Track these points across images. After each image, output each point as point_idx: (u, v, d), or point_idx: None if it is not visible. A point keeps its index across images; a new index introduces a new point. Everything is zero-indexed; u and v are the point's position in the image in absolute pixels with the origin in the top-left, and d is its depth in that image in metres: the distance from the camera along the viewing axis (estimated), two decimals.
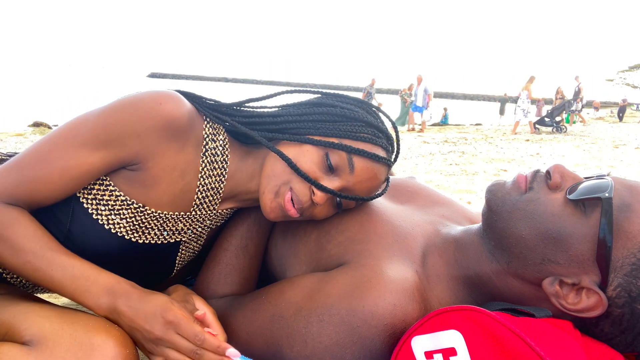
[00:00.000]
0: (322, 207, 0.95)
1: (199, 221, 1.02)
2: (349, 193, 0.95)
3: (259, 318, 0.92)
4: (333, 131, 0.93)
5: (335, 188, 0.92)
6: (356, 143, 0.93)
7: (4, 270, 0.95)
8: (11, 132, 9.51)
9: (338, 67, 70.59)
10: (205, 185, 0.98)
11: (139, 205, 0.92)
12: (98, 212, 0.91)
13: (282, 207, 0.93)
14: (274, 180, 0.93)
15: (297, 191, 0.92)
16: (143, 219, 0.94)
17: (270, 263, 1.13)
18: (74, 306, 1.43)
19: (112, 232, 0.92)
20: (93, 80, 43.21)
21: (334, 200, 0.96)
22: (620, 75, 64.69)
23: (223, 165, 0.99)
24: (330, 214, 0.99)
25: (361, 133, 0.94)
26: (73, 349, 0.75)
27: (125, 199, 0.92)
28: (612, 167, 5.72)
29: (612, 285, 0.72)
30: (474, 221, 1.07)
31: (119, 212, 0.92)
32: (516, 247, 0.78)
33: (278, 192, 0.93)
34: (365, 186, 0.95)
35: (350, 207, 1.00)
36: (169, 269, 1.06)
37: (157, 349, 0.80)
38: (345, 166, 0.92)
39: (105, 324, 0.80)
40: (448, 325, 0.72)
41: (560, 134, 11.10)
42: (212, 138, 0.98)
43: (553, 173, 0.80)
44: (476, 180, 4.64)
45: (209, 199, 1.00)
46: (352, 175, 0.93)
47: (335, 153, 0.92)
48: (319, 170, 0.92)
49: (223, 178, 0.99)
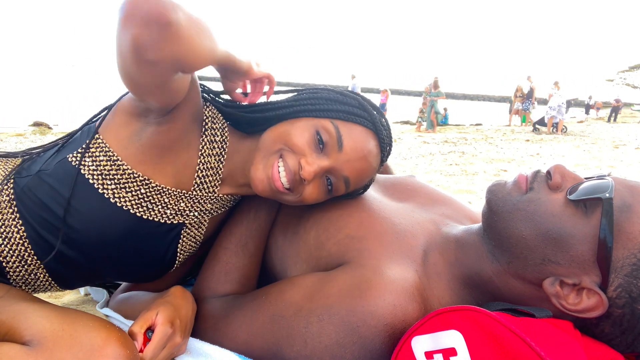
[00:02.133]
0: (311, 187, 0.96)
1: (200, 202, 1.04)
2: (338, 173, 0.96)
3: (259, 318, 0.92)
4: (325, 113, 0.98)
5: (324, 166, 0.94)
6: (348, 124, 0.97)
7: (6, 265, 0.95)
8: (11, 132, 9.52)
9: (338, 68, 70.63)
10: (205, 163, 1.01)
11: (144, 178, 0.95)
12: (104, 187, 0.94)
13: (270, 179, 0.94)
14: (263, 151, 0.97)
15: (286, 162, 0.94)
16: (148, 193, 0.97)
17: (271, 262, 1.13)
18: (74, 306, 1.43)
19: (118, 205, 0.94)
20: (93, 80, 43.18)
21: (323, 183, 0.97)
22: (620, 76, 64.67)
23: (222, 145, 1.03)
24: (321, 197, 0.99)
25: (353, 115, 0.98)
26: (73, 349, 0.75)
27: (132, 172, 0.94)
28: (612, 167, 5.72)
29: (612, 286, 0.72)
30: (475, 220, 1.07)
31: (125, 186, 0.95)
32: (517, 247, 0.78)
33: (267, 162, 0.95)
34: (354, 166, 0.96)
35: (340, 192, 1.00)
36: (171, 259, 1.07)
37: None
38: (335, 144, 0.95)
39: (105, 324, 0.80)
40: (448, 325, 0.72)
41: (560, 134, 11.09)
42: (212, 120, 1.03)
43: (553, 173, 0.79)
44: (476, 180, 4.64)
45: (209, 178, 1.03)
46: (341, 154, 0.95)
47: (325, 131, 0.95)
48: (309, 146, 0.95)
49: (222, 158, 1.04)
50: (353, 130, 0.97)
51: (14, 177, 0.97)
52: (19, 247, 0.94)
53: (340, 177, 0.97)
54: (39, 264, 0.96)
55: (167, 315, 0.89)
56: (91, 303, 1.44)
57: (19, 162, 1.01)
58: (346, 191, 1.00)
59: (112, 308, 1.19)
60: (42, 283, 1.01)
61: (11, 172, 0.98)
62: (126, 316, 1.12)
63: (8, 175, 0.97)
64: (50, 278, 1.00)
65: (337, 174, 0.96)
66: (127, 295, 1.17)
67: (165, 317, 0.89)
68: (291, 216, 1.12)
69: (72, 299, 1.49)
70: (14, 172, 0.98)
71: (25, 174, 0.97)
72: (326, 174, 0.97)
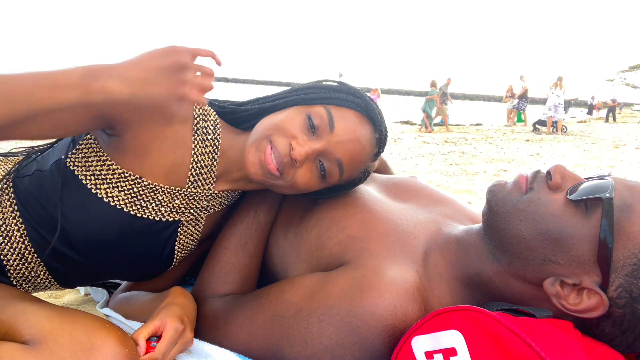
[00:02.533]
0: (303, 171, 0.95)
1: (195, 200, 1.03)
2: (331, 155, 0.95)
3: (259, 318, 0.92)
4: (318, 101, 0.98)
5: (316, 148, 0.93)
6: (341, 109, 0.97)
7: (6, 264, 0.95)
8: None
9: (338, 67, 70.76)
10: (199, 162, 1.01)
11: (135, 177, 0.95)
12: (97, 187, 0.94)
13: (262, 162, 0.93)
14: (255, 136, 0.96)
15: (276, 143, 0.93)
16: (140, 191, 0.96)
17: (272, 261, 1.13)
18: (74, 306, 1.43)
19: (112, 204, 0.94)
20: None
21: (316, 167, 0.96)
22: (620, 76, 64.67)
23: (215, 143, 1.02)
24: (314, 182, 0.97)
25: (347, 101, 0.98)
26: (73, 349, 0.75)
27: (123, 172, 0.94)
28: (612, 167, 5.72)
29: (613, 286, 0.72)
30: (476, 220, 1.07)
31: (117, 185, 0.94)
32: (517, 247, 0.78)
33: (259, 146, 0.94)
34: (347, 148, 0.95)
35: (335, 177, 0.98)
36: (169, 257, 1.07)
37: (182, 76, 0.79)
38: (326, 125, 0.94)
39: (105, 323, 0.80)
40: (448, 325, 0.72)
41: (560, 134, 11.09)
42: (202, 118, 1.01)
43: (554, 173, 0.79)
44: (476, 180, 4.64)
45: (204, 176, 1.02)
46: (333, 135, 0.94)
47: (316, 115, 0.95)
48: (301, 129, 0.94)
49: (216, 156, 1.03)
50: (345, 113, 0.97)
51: (13, 176, 0.97)
52: (19, 245, 0.94)
53: (333, 159, 0.95)
54: (39, 261, 0.97)
55: (176, 313, 0.89)
56: (91, 303, 1.43)
57: (19, 161, 1.01)
58: (340, 176, 0.98)
59: (112, 308, 1.19)
60: (42, 281, 1.01)
61: (10, 171, 0.98)
62: (126, 316, 1.12)
63: (8, 174, 0.97)
64: (50, 276, 1.00)
65: (330, 157, 0.95)
66: (127, 295, 1.17)
67: (174, 314, 0.89)
68: (292, 216, 1.12)
69: (72, 299, 1.49)
70: (13, 171, 0.98)
71: (23, 174, 0.97)
72: (318, 157, 0.95)
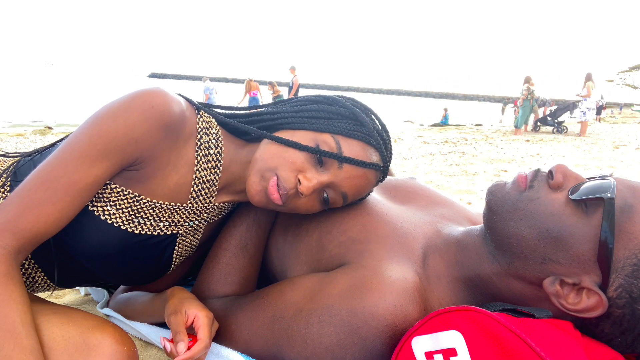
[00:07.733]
0: (306, 199, 0.94)
1: (195, 213, 1.02)
2: (337, 189, 0.94)
3: (259, 318, 0.91)
4: (327, 127, 0.94)
5: (323, 182, 0.92)
6: (349, 141, 0.93)
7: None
8: (11, 132, 9.52)
9: (338, 68, 70.63)
10: (201, 178, 0.98)
11: (134, 194, 0.93)
12: (93, 205, 0.91)
13: (267, 192, 0.92)
14: (261, 164, 0.93)
15: (283, 177, 0.91)
16: (139, 209, 0.94)
17: (271, 263, 1.13)
18: (75, 306, 1.43)
19: (108, 222, 0.92)
20: (93, 80, 43.17)
21: (320, 195, 0.95)
22: (620, 76, 64.63)
23: (217, 157, 1.00)
24: (315, 208, 0.97)
25: (355, 131, 0.94)
26: (71, 348, 0.75)
27: (121, 190, 0.92)
28: (613, 167, 5.72)
29: (613, 286, 0.71)
30: (475, 222, 1.07)
31: (115, 204, 0.92)
32: (517, 246, 0.78)
33: (264, 175, 0.92)
34: (353, 183, 0.94)
35: (337, 205, 0.98)
36: (166, 264, 1.06)
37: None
38: (334, 161, 0.92)
39: (101, 322, 0.80)
40: (448, 325, 0.72)
41: (560, 134, 11.09)
42: (205, 132, 0.98)
43: (555, 173, 0.79)
44: (476, 180, 4.64)
45: (205, 191, 1.00)
46: (341, 171, 0.93)
47: (325, 145, 0.92)
48: (308, 162, 0.92)
49: (218, 170, 1.00)
50: (354, 147, 0.93)
51: (10, 180, 0.95)
52: None
53: (338, 192, 0.95)
54: (37, 267, 0.96)
55: (195, 303, 0.91)
56: (91, 303, 1.43)
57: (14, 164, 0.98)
58: (343, 204, 0.99)
59: (112, 308, 1.19)
60: (40, 285, 1.01)
61: (7, 169, 0.96)
62: (126, 316, 1.12)
63: (4, 171, 0.95)
64: (49, 280, 1.00)
65: (336, 189, 0.94)
66: (127, 295, 1.17)
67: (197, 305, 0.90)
68: (291, 218, 1.12)
69: (72, 299, 1.49)
70: (10, 170, 0.96)
71: (22, 175, 0.95)
72: (324, 189, 0.95)
